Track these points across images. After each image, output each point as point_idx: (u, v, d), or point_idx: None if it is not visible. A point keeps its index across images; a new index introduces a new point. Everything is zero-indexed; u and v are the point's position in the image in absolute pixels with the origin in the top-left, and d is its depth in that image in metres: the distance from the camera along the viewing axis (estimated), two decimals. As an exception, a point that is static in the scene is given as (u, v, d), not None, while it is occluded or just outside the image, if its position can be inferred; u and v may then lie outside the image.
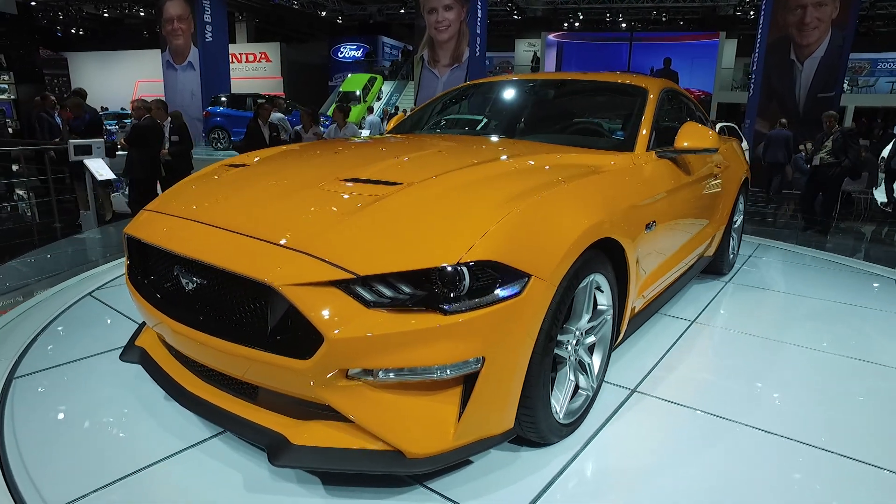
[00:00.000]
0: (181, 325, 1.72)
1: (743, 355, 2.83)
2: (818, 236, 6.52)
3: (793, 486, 1.81)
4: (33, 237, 6.12)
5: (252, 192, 1.98)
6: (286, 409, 1.68)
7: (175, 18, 16.45)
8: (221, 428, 1.88)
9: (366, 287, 1.48)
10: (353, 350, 1.46)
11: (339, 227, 1.61)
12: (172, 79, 17.10)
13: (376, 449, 1.56)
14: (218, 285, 1.68)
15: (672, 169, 2.79)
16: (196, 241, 1.73)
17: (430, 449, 1.56)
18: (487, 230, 1.57)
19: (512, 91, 3.55)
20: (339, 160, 2.42)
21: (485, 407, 1.62)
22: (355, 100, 20.04)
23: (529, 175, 2.07)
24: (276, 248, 1.57)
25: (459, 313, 1.49)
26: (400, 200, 1.73)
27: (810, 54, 11.77)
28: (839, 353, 2.85)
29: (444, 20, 14.48)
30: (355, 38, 26.11)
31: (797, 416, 2.23)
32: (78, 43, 28.49)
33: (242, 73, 24.68)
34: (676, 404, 2.27)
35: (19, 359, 2.50)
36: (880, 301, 3.76)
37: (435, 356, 1.50)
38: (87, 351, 2.58)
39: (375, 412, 1.55)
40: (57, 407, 2.14)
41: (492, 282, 1.55)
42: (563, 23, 23.96)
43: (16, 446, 1.88)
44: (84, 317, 3.07)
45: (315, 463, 1.58)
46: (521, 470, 1.82)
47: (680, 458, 1.93)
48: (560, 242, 1.73)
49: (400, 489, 1.71)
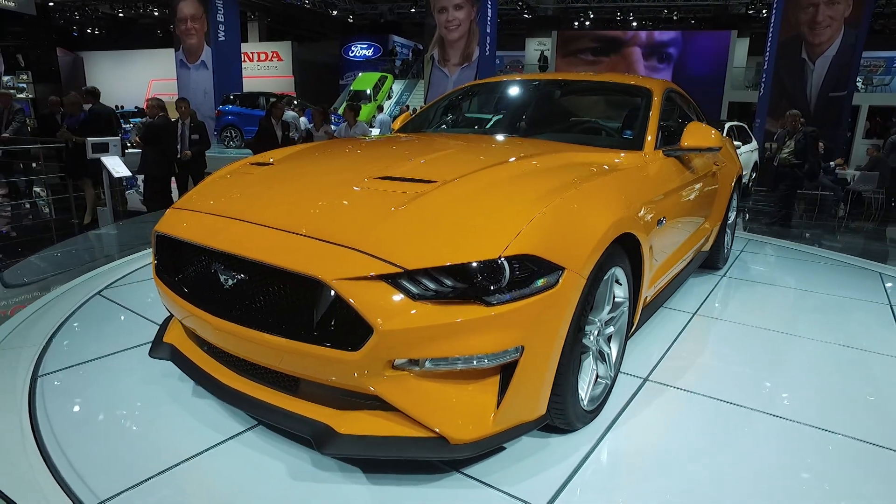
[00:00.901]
0: (221, 320, 1.76)
1: (745, 345, 2.95)
2: (798, 232, 6.62)
3: (804, 465, 1.94)
4: (51, 233, 6.29)
5: (287, 190, 2.03)
6: (327, 399, 1.74)
7: (189, 18, 16.64)
8: (262, 420, 1.88)
9: (411, 280, 1.54)
10: (401, 341, 1.52)
11: (384, 224, 1.67)
12: (185, 78, 17.29)
13: (421, 436, 1.62)
14: (261, 281, 1.71)
15: (678, 167, 2.89)
16: (241, 239, 1.76)
17: (472, 435, 1.62)
18: (525, 225, 1.65)
19: (520, 91, 3.62)
20: (366, 159, 2.49)
21: (522, 394, 1.69)
22: (366, 98, 20.16)
23: (555, 173, 2.15)
24: (324, 245, 1.62)
25: (501, 305, 1.56)
26: (439, 198, 1.79)
27: (822, 53, 11.70)
28: (837, 343, 2.99)
29: (454, 19, 14.54)
30: (366, 37, 26.22)
31: (804, 401, 2.36)
32: (93, 42, 28.88)
33: (254, 72, 24.87)
34: (687, 391, 2.39)
35: (39, 358, 2.54)
36: (867, 293, 3.93)
37: (478, 346, 1.56)
38: (105, 349, 2.63)
39: (420, 400, 1.60)
40: (88, 403, 2.18)
41: (529, 274, 1.62)
42: (574, 22, 23.90)
43: (56, 442, 1.91)
44: (96, 316, 3.10)
45: (362, 450, 1.64)
46: (550, 455, 1.91)
47: (696, 442, 2.03)
48: (589, 237, 1.82)
49: (438, 475, 1.78)
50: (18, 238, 6.49)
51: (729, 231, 4.32)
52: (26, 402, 2.15)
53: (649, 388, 2.39)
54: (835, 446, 2.05)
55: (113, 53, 27.87)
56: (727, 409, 2.26)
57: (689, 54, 21.19)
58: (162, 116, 6.84)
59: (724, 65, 20.35)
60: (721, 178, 3.72)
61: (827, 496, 1.78)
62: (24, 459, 1.80)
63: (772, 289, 3.96)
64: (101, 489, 1.68)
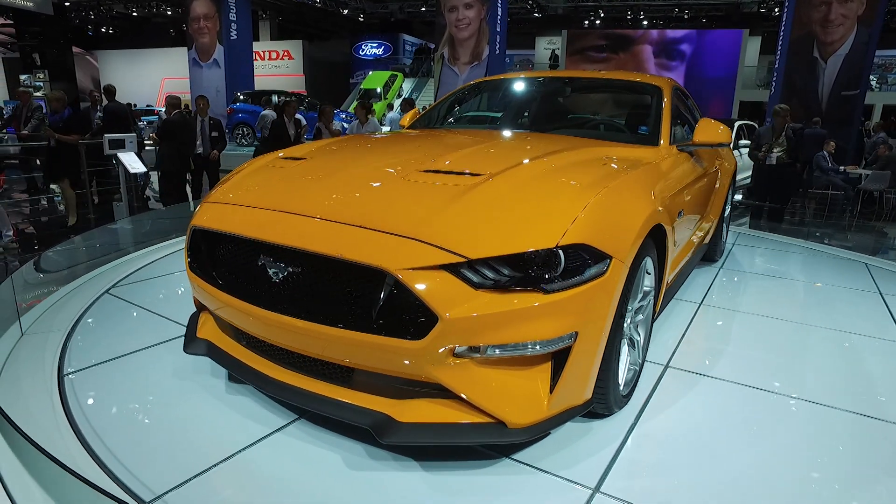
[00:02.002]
0: (272, 313, 1.75)
1: (752, 332, 3.08)
2: (796, 227, 6.64)
3: (826, 442, 2.07)
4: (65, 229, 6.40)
5: (335, 183, 2.02)
6: (382, 389, 1.75)
7: (201, 17, 16.83)
8: (317, 412, 1.85)
9: (472, 270, 1.58)
10: (464, 329, 1.56)
11: (442, 215, 1.69)
12: (198, 76, 17.49)
13: (479, 421, 1.66)
14: (317, 273, 1.72)
15: (691, 162, 3.00)
16: (297, 231, 1.76)
17: (529, 419, 1.67)
18: (577, 216, 1.70)
19: (532, 87, 3.68)
20: (403, 153, 2.52)
21: (574, 379, 1.75)
22: (376, 97, 20.25)
23: (591, 166, 2.22)
24: (387, 236, 1.64)
25: (557, 292, 1.61)
26: (490, 190, 1.84)
27: (834, 52, 11.62)
28: (841, 330, 3.15)
29: (464, 18, 14.60)
30: (377, 35, 26.33)
31: (822, 384, 2.50)
32: (108, 42, 29.23)
33: (265, 71, 25.06)
34: (707, 376, 2.51)
35: (61, 357, 2.50)
36: (856, 282, 4.15)
37: (536, 332, 1.61)
38: (126, 347, 2.61)
39: (480, 387, 1.64)
40: (124, 401, 2.16)
41: (581, 263, 1.68)
42: (584, 20, 23.86)
43: (100, 440, 1.89)
44: (109, 314, 3.05)
45: (423, 438, 1.67)
46: (591, 439, 1.98)
47: (724, 423, 2.14)
48: (631, 227, 1.90)
49: (489, 461, 1.82)
50: (33, 234, 6.64)
51: (724, 225, 4.48)
52: (59, 402, 2.13)
53: (671, 374, 2.51)
54: (850, 423, 2.18)
55: (127, 52, 28.21)
56: (748, 393, 2.37)
57: (701, 53, 21.10)
58: (178, 113, 6.96)
59: (736, 64, 20.23)
60: (721, 174, 3.84)
61: (853, 469, 1.89)
62: (70, 459, 1.76)
63: (767, 279, 4.13)
64: (156, 484, 1.67)
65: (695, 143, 2.90)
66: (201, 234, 2.06)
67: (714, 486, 1.76)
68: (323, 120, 7.21)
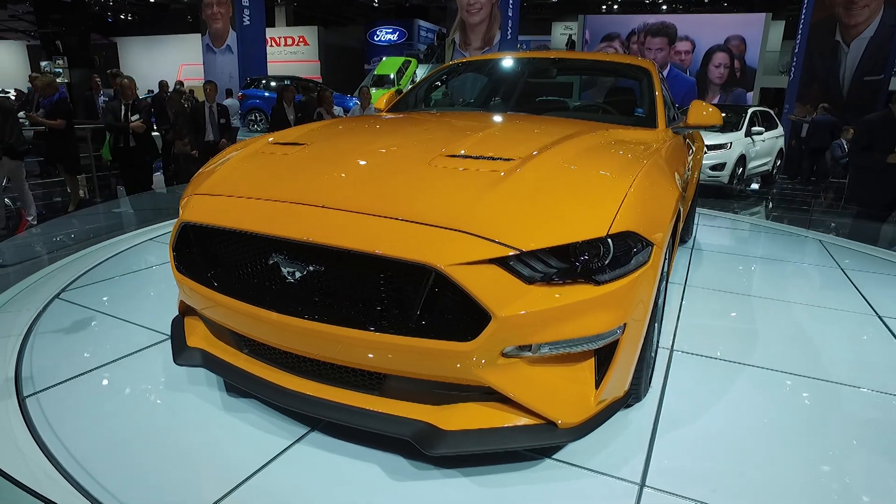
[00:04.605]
0: (287, 317, 1.58)
1: (741, 311, 3.19)
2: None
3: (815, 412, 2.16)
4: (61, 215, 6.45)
5: (351, 170, 1.83)
6: (417, 395, 1.62)
7: (214, 3, 16.86)
8: (342, 423, 1.67)
9: (522, 263, 1.47)
10: (518, 327, 1.45)
11: (482, 205, 1.55)
12: (211, 62, 17.57)
13: (529, 423, 1.56)
14: (344, 272, 1.56)
15: (683, 144, 2.98)
16: (319, 225, 1.57)
17: (579, 417, 1.58)
18: (621, 202, 1.60)
19: (519, 69, 3.56)
20: (412, 136, 2.36)
21: (620, 372, 1.67)
22: (389, 83, 20.15)
23: (610, 150, 2.16)
24: (429, 229, 1.49)
25: (608, 283, 1.52)
26: (526, 177, 1.70)
27: (858, 35, 11.22)
28: (804, 303, 3.38)
29: (475, 3, 14.41)
30: (392, 21, 26.16)
31: (836, 364, 2.56)
32: (126, 28, 29.53)
33: (281, 57, 25.10)
34: (714, 358, 2.55)
35: (16, 377, 2.15)
36: (816, 258, 4.40)
37: (588, 327, 1.51)
38: (96, 360, 2.28)
39: (531, 387, 1.54)
40: (110, 424, 1.87)
41: (626, 252, 1.59)
42: (602, 5, 23.39)
43: (93, 480, 1.61)
44: (64, 323, 2.66)
45: (472, 446, 1.54)
46: (621, 431, 1.92)
47: (744, 407, 2.16)
48: (665, 211, 1.85)
49: (531, 463, 1.73)
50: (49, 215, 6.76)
51: (694, 206, 4.55)
52: (26, 432, 1.80)
53: (679, 358, 2.53)
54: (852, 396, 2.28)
55: (145, 39, 28.47)
56: (754, 372, 2.43)
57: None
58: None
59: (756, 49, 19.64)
60: (696, 156, 3.81)
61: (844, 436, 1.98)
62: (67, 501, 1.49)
63: (738, 259, 4.32)
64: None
65: (689, 125, 2.86)
66: (193, 230, 1.84)
67: (751, 468, 1.76)
68: (324, 105, 7.20)
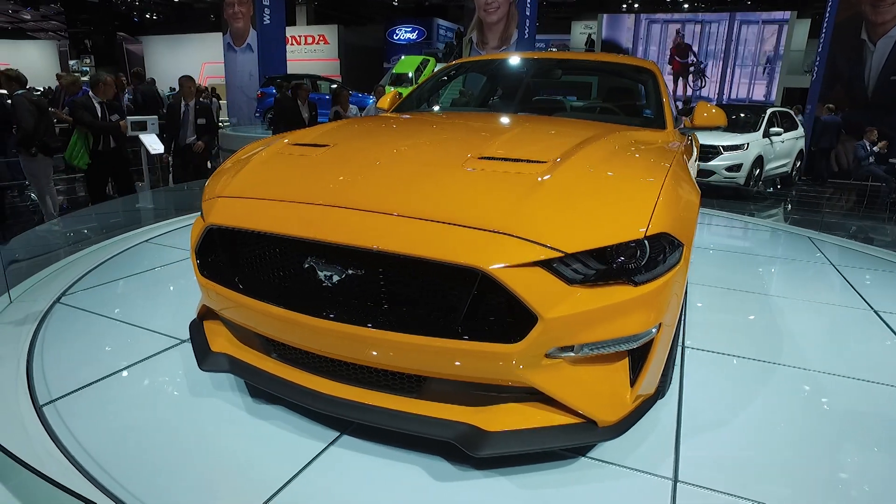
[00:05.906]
0: (324, 321, 1.59)
1: (740, 307, 3.23)
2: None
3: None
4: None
5: (385, 173, 1.83)
6: (457, 397, 1.64)
7: (236, 2, 17.08)
8: (381, 427, 1.67)
9: (565, 265, 1.51)
10: (563, 328, 1.49)
11: (524, 208, 1.58)
12: (232, 60, 17.80)
13: (570, 423, 1.60)
14: (384, 275, 1.57)
15: (687, 145, 2.97)
16: (362, 229, 1.57)
17: (617, 415, 1.63)
18: (654, 204, 1.64)
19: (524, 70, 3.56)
20: (443, 137, 2.37)
21: (653, 370, 1.72)
22: (407, 81, 20.20)
23: (633, 151, 2.18)
24: (475, 232, 1.51)
25: (646, 284, 1.57)
26: (563, 179, 1.73)
27: (885, 33, 10.93)
28: (787, 297, 3.45)
29: (493, 2, 14.37)
30: (411, 20, 26.24)
31: (846, 360, 2.62)
32: (151, 28, 30.10)
33: (301, 56, 25.34)
34: (725, 354, 2.60)
35: (29, 386, 2.08)
36: (806, 254, 4.51)
37: (627, 327, 1.56)
38: (110, 366, 2.23)
39: (573, 387, 1.58)
40: (133, 434, 1.83)
41: (661, 253, 1.63)
42: (622, 4, 23.15)
43: (127, 492, 1.57)
44: (70, 328, 2.61)
45: (516, 446, 1.58)
46: (648, 428, 1.95)
47: (761, 401, 2.21)
48: (692, 212, 1.89)
49: (567, 462, 1.76)
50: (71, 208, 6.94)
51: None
52: (48, 439, 1.76)
53: (691, 354, 2.57)
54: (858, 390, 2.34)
55: (169, 38, 29.00)
56: (764, 367, 2.48)
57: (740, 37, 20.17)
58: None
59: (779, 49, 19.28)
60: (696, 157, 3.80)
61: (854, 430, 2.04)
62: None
63: (730, 255, 4.37)
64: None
65: (695, 125, 2.88)
66: (219, 233, 1.83)
67: (779, 460, 1.81)
68: (340, 103, 7.27)
